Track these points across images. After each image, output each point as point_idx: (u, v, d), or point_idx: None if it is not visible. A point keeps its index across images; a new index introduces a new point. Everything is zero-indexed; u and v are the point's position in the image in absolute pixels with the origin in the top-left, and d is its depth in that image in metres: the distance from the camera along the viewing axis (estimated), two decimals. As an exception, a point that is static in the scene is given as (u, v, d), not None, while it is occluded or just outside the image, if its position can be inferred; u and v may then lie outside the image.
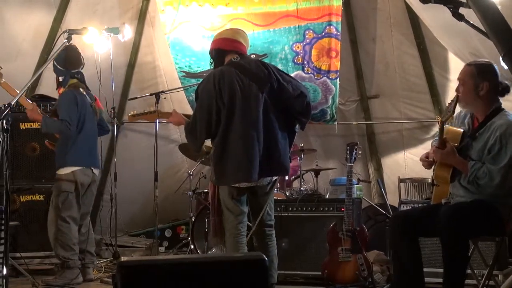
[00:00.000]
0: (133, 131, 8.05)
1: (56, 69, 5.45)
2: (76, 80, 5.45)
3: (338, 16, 6.92)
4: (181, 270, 2.42)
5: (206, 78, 4.16)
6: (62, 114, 5.20)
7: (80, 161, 5.32)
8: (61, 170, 5.29)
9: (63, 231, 5.22)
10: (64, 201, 5.24)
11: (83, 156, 5.35)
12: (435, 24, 5.93)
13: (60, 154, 5.31)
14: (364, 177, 7.55)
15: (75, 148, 5.28)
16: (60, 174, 5.29)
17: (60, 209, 5.22)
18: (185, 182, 6.99)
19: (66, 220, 5.24)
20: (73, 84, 5.43)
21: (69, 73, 5.43)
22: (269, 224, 4.20)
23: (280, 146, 4.07)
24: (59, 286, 5.13)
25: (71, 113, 5.23)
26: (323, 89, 7.18)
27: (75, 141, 5.28)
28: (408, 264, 3.58)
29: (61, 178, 5.27)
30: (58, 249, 5.24)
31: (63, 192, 5.25)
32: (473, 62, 3.73)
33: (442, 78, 7.22)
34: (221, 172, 4.03)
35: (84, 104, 5.40)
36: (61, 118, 5.18)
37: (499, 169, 3.42)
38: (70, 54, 5.39)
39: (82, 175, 5.33)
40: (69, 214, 5.26)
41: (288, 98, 4.09)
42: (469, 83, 3.60)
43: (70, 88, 5.39)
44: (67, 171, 5.26)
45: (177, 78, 7.36)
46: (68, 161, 5.28)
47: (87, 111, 5.41)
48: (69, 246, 5.23)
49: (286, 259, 5.12)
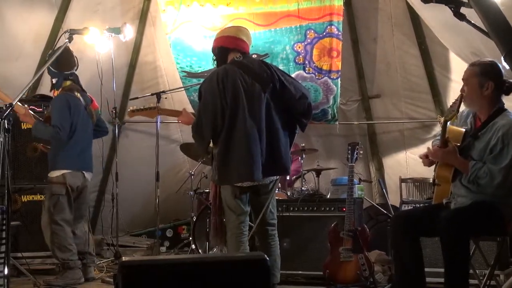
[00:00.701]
0: (134, 131, 8.05)
1: (50, 71, 5.44)
2: (70, 82, 5.45)
3: (339, 16, 6.91)
4: (183, 270, 2.42)
5: (209, 76, 4.15)
6: (53, 119, 5.21)
7: (70, 164, 5.32)
8: (52, 173, 5.31)
9: (57, 233, 5.24)
10: (56, 204, 5.25)
11: (73, 159, 5.35)
12: (436, 24, 5.92)
13: (52, 157, 5.34)
14: (366, 177, 7.54)
15: (65, 151, 5.29)
16: (51, 177, 5.31)
17: (53, 213, 5.24)
18: (187, 182, 6.99)
19: (59, 223, 5.25)
20: (67, 86, 5.42)
21: (62, 75, 5.43)
22: (272, 223, 4.20)
23: (282, 146, 4.08)
24: (60, 286, 5.14)
25: (63, 118, 5.22)
26: (324, 89, 7.17)
27: (66, 145, 5.29)
28: (410, 264, 3.58)
29: (52, 181, 5.29)
30: (55, 251, 5.25)
31: (54, 195, 5.26)
32: (477, 62, 3.72)
33: (444, 78, 7.21)
34: (225, 171, 4.02)
35: (77, 108, 5.38)
36: (53, 124, 5.18)
37: (500, 169, 3.41)
38: (62, 55, 5.27)
39: (72, 178, 5.32)
40: (62, 217, 5.27)
41: (290, 99, 4.09)
42: (473, 83, 3.60)
43: (64, 91, 5.39)
44: (57, 174, 5.28)
45: (178, 78, 7.36)
46: (58, 164, 5.29)
47: (80, 115, 5.40)
48: (65, 247, 5.24)
49: (288, 259, 5.11)
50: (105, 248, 6.97)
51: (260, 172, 3.96)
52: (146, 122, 7.74)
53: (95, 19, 6.75)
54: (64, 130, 5.19)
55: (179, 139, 7.96)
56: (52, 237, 5.23)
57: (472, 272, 3.88)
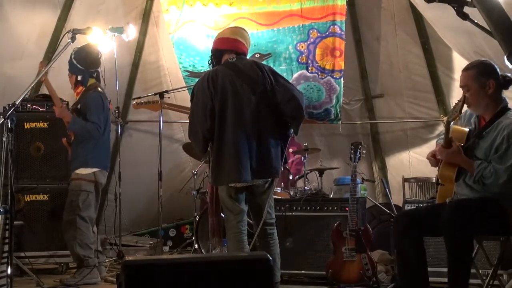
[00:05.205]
0: (137, 131, 8.06)
1: (75, 68, 5.41)
2: (94, 80, 5.47)
3: (342, 16, 6.91)
4: (186, 269, 2.42)
5: (201, 78, 4.22)
6: (93, 117, 5.22)
7: (101, 163, 5.36)
8: (82, 170, 5.28)
9: (82, 230, 5.22)
10: (85, 200, 5.25)
11: (104, 158, 5.42)
12: (439, 23, 5.92)
13: (81, 154, 5.29)
14: (369, 177, 7.54)
15: (98, 149, 5.32)
16: (81, 174, 5.27)
17: (81, 209, 5.22)
18: (189, 182, 7.00)
19: (86, 220, 5.25)
20: (94, 84, 5.44)
21: (89, 72, 5.44)
22: (270, 222, 4.22)
23: (271, 148, 4.09)
24: (78, 283, 5.13)
25: (101, 116, 5.27)
26: (327, 89, 7.17)
27: (98, 143, 5.31)
28: (413, 263, 3.57)
29: (83, 178, 5.27)
30: (76, 248, 5.20)
31: (84, 192, 5.25)
32: (470, 65, 3.70)
33: (447, 77, 7.21)
34: (217, 172, 4.09)
35: (107, 107, 5.46)
36: (92, 121, 5.20)
37: (505, 168, 3.40)
38: (92, 54, 5.40)
39: (102, 177, 5.38)
40: (88, 215, 5.28)
41: (280, 102, 4.10)
42: (474, 86, 3.58)
43: (92, 89, 5.41)
44: (88, 171, 5.27)
45: (181, 77, 7.38)
46: (90, 162, 5.28)
47: (109, 114, 5.48)
48: (87, 245, 5.23)
49: (290, 258, 5.12)
50: (108, 248, 6.97)
51: (248, 174, 3.99)
52: (149, 122, 7.76)
53: (98, 19, 6.77)
54: (102, 128, 5.25)
55: (182, 138, 7.96)
56: (76, 233, 5.20)
57: (475, 272, 3.87)
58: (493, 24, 2.37)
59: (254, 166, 4.02)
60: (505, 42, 2.30)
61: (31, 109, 5.84)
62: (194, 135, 4.16)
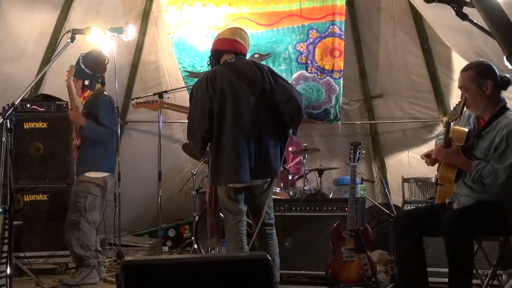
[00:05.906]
0: (136, 131, 8.06)
1: (83, 72, 5.41)
2: (100, 85, 5.49)
3: (342, 16, 6.91)
4: (185, 269, 2.43)
5: (200, 78, 4.22)
6: (105, 121, 5.25)
7: (110, 168, 5.42)
8: (92, 173, 5.28)
9: (85, 232, 5.23)
10: (91, 204, 5.27)
11: (112, 162, 5.48)
12: (439, 24, 5.92)
13: (91, 157, 5.30)
14: (368, 177, 7.53)
15: (108, 153, 5.37)
16: (90, 177, 5.27)
17: (86, 211, 5.24)
18: (189, 182, 7.00)
19: (90, 223, 5.27)
20: (99, 89, 5.47)
21: (96, 77, 5.46)
22: (269, 222, 4.22)
23: (270, 149, 4.09)
24: (77, 283, 5.12)
25: (112, 119, 5.32)
26: (326, 89, 7.17)
27: (108, 147, 5.36)
28: (412, 263, 3.57)
29: (92, 181, 5.27)
30: (77, 247, 5.21)
31: (91, 195, 5.27)
32: (468, 66, 3.71)
33: (446, 77, 7.21)
34: (215, 173, 4.09)
35: (116, 111, 5.50)
36: (104, 124, 5.23)
37: (504, 168, 3.40)
38: (99, 58, 5.45)
39: (111, 182, 5.42)
40: (92, 218, 5.30)
41: (278, 103, 4.10)
42: (473, 87, 3.59)
43: (101, 93, 5.44)
44: (98, 175, 5.29)
45: (180, 78, 7.37)
46: (100, 166, 5.31)
47: (116, 118, 5.52)
48: (88, 246, 5.24)
49: (290, 258, 5.12)
50: (108, 248, 6.96)
51: (247, 175, 3.99)
52: (148, 122, 7.76)
53: (97, 19, 6.78)
54: (114, 131, 5.32)
55: (182, 138, 7.95)
56: (79, 233, 5.21)
57: (475, 272, 3.87)
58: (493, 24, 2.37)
59: (253, 167, 4.02)
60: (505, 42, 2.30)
61: (31, 109, 5.84)
62: (192, 136, 4.16)
